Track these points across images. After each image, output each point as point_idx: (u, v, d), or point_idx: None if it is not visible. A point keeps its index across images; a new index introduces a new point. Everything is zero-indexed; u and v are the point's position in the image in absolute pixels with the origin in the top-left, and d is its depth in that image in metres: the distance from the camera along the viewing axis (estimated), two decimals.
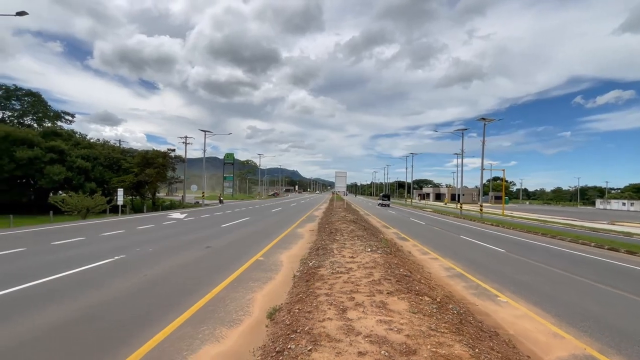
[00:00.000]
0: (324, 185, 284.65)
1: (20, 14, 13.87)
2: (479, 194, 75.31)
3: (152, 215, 24.96)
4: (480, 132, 31.46)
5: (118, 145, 40.55)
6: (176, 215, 24.44)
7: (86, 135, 37.82)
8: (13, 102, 35.40)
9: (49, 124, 36.19)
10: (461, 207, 35.12)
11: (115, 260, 8.45)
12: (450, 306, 5.42)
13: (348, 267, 6.92)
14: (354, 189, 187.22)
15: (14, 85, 36.09)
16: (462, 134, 36.00)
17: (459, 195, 47.20)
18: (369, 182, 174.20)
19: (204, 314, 4.99)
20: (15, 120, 35.18)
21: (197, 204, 39.73)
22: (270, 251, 10.28)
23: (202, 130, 43.96)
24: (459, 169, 56.12)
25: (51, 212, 22.52)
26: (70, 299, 5.48)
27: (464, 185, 38.63)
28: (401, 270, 7.17)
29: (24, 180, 30.76)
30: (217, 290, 6.19)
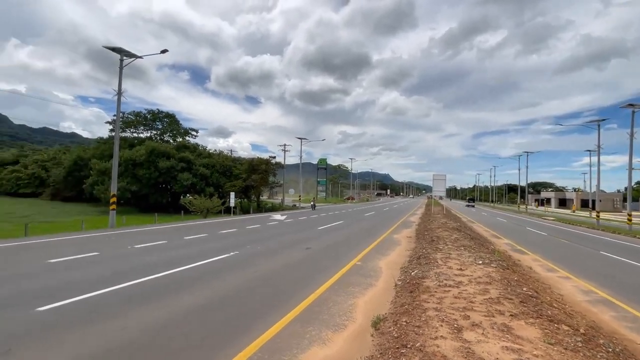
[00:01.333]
0: (418, 189, 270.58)
1: (163, 51, 17.35)
2: (623, 200, 59.54)
3: (258, 216, 27.72)
4: (622, 123, 25.01)
5: (230, 154, 46.61)
6: (278, 216, 26.57)
7: (206, 147, 44.68)
8: (157, 123, 44.43)
9: (180, 139, 44.08)
10: (598, 216, 28.55)
11: (231, 256, 9.56)
12: (601, 341, 4.33)
13: (457, 281, 6.26)
14: (453, 193, 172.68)
15: (157, 109, 45.35)
16: (599, 125, 29.33)
17: (593, 201, 38.60)
18: (470, 185, 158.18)
19: (310, 315, 5.15)
20: (158, 137, 44.01)
21: (294, 207, 42.54)
22: (367, 256, 10.14)
23: (298, 138, 47.04)
24: (594, 168, 45.83)
25: (182, 211, 27.20)
26: (198, 288, 6.37)
27: (600, 189, 31.29)
28: (524, 288, 6.12)
29: (164, 185, 38.04)
30: (320, 292, 6.35)
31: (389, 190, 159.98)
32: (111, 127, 42.97)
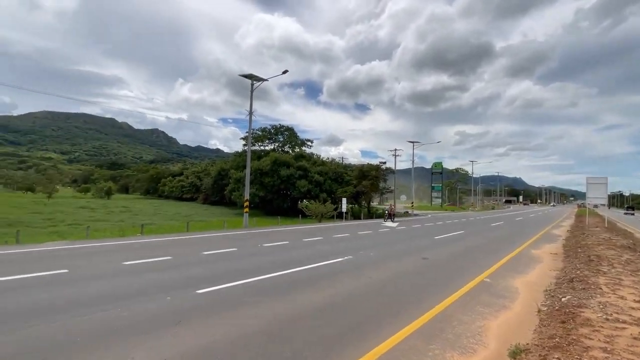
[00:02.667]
0: (564, 195, 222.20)
1: (284, 72, 19.52)
2: None
3: (369, 222, 27.76)
4: None
5: (341, 161, 48.49)
6: (389, 223, 26.00)
7: (320, 156, 47.75)
8: (279, 136, 50.11)
9: (298, 150, 48.44)
10: None
11: (346, 260, 9.78)
12: None
13: (636, 317, 4.73)
14: (618, 199, 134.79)
15: (279, 124, 51.27)
16: None
17: None
18: None
19: (431, 330, 4.74)
20: (280, 149, 49.50)
21: (406, 214, 40.92)
22: (497, 273, 8.79)
23: (410, 142, 45.22)
24: None
25: (300, 215, 29.62)
26: (319, 288, 6.69)
27: None
28: None
29: (284, 191, 42.36)
30: (441, 307, 5.80)
31: (521, 197, 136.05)
32: (244, 142, 50.66)
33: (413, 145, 45.20)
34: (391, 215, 28.45)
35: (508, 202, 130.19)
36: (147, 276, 7.38)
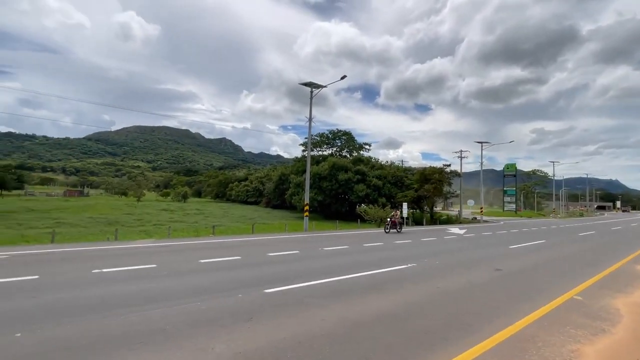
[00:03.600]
0: None
1: (343, 78, 19.73)
2: None
3: (432, 229, 26.37)
4: None
5: (401, 165, 47.03)
6: (455, 230, 24.37)
7: (378, 159, 46.96)
8: (336, 140, 50.61)
9: (356, 154, 48.31)
10: None
11: (409, 267, 9.42)
12: None
13: None
14: None
15: (336, 129, 51.81)
16: None
17: None
18: None
19: (510, 350, 4.29)
20: (338, 153, 49.92)
21: (474, 220, 37.94)
22: (591, 290, 7.63)
23: (477, 142, 42.00)
24: None
25: (358, 220, 29.41)
26: (383, 294, 6.55)
27: None
28: None
29: (342, 196, 42.49)
30: (521, 324, 5.23)
31: (618, 203, 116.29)
32: (303, 148, 52.25)
33: (482, 146, 41.88)
34: (395, 225, 21.07)
35: (601, 208, 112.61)
36: (220, 274, 8.00)
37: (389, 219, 21.24)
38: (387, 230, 20.50)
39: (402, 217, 21.45)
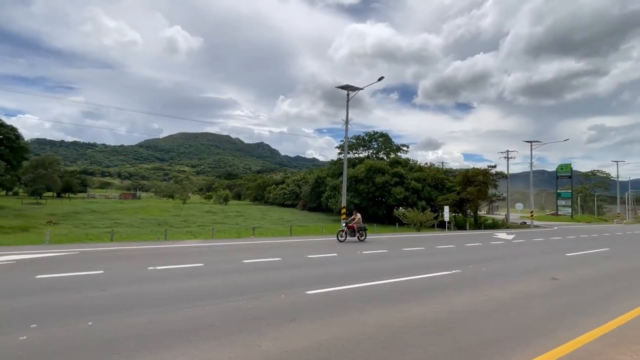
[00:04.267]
0: None
1: (380, 79, 19.52)
2: None
3: (477, 233, 25.04)
4: None
5: (441, 166, 45.28)
6: (502, 235, 22.92)
7: (416, 161, 45.64)
8: (373, 142, 50.04)
9: (393, 156, 47.37)
10: None
11: (453, 274, 9.02)
12: None
13: None
14: None
15: (372, 131, 51.28)
16: None
17: None
18: None
19: None
20: (374, 155, 49.30)
21: (523, 225, 35.40)
22: None
23: (527, 142, 39.23)
24: None
25: (397, 223, 28.74)
26: (425, 301, 6.34)
27: None
28: None
29: (379, 199, 41.82)
30: (584, 340, 4.78)
31: None
32: (339, 150, 52.30)
33: (531, 145, 39.00)
34: (354, 231, 16.32)
35: None
36: (263, 274, 8.26)
37: (344, 224, 16.74)
38: (341, 239, 15.80)
39: (364, 225, 16.78)
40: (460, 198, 33.92)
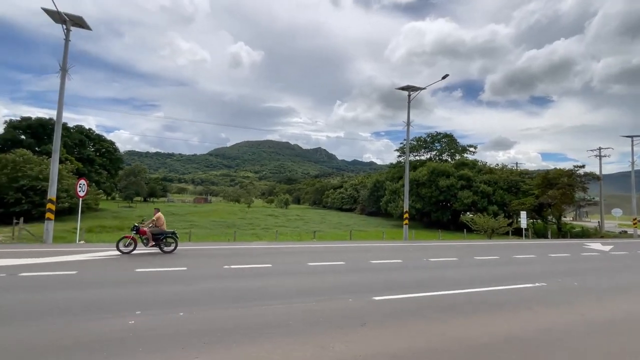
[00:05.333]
0: None
1: (444, 77, 18.52)
2: None
3: (562, 243, 22.11)
4: None
5: (515, 168, 41.12)
6: (596, 245, 19.85)
7: (485, 163, 42.08)
8: (435, 144, 47.58)
9: (458, 157, 44.41)
10: None
11: (537, 287, 8.08)
12: None
13: None
14: None
15: (435, 131, 48.72)
16: None
17: None
18: None
19: None
20: (437, 158, 46.80)
21: (623, 234, 30.24)
22: None
23: (626, 137, 33.58)
24: None
25: (464, 230, 26.77)
26: (508, 315, 5.77)
27: None
28: None
29: (444, 203, 39.48)
30: None
31: None
32: (398, 153, 50.84)
33: (632, 141, 33.20)
34: (158, 240, 11.07)
35: None
36: (328, 277, 8.35)
37: (134, 226, 11.00)
38: (125, 250, 10.61)
39: (169, 231, 11.49)
40: (540, 202, 30.33)
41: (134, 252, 10.79)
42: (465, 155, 45.18)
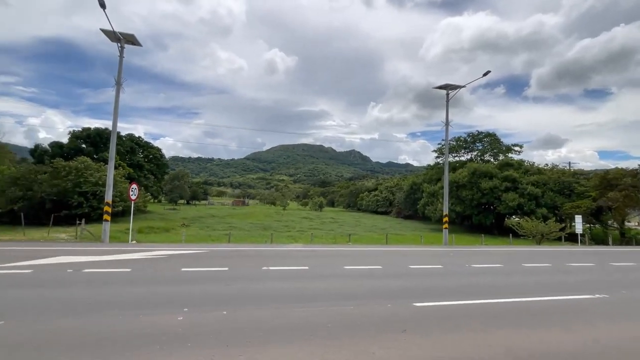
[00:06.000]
0: None
1: (486, 74, 17.62)
2: None
3: (626, 250, 20.00)
4: None
5: (568, 168, 37.95)
6: None
7: (533, 162, 39.26)
8: (476, 144, 45.29)
9: (502, 157, 41.89)
10: None
11: (596, 299, 7.36)
12: None
13: None
14: None
15: (476, 131, 46.45)
16: None
17: None
18: None
19: None
20: (478, 158, 44.50)
21: None
22: None
23: None
24: None
25: (510, 234, 25.12)
26: (564, 328, 5.32)
27: None
28: None
29: (487, 206, 37.39)
30: None
31: None
32: (436, 154, 49.09)
33: None
34: None
35: None
36: (365, 281, 8.25)
37: None
38: None
39: None
40: (598, 206, 27.65)
41: (180, 252, 11.44)
42: (509, 155, 42.46)
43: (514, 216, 33.59)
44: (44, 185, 28.20)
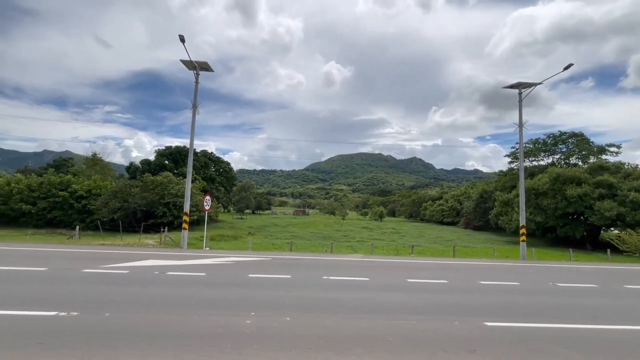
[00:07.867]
0: None
1: (567, 67, 15.66)
2: None
3: None
4: None
5: None
6: None
7: (636, 165, 33.23)
8: (559, 146, 40.05)
9: (593, 160, 36.32)
10: None
11: None
12: None
13: None
14: None
15: (558, 131, 41.12)
16: None
17: None
18: None
19: None
20: (562, 162, 39.26)
21: None
22: None
23: None
24: None
25: (608, 250, 21.48)
26: None
27: None
28: None
29: (575, 216, 32.61)
30: None
31: None
32: (509, 159, 44.63)
33: None
34: None
35: None
36: (429, 296, 7.84)
37: None
38: None
39: None
40: None
41: (246, 259, 12.23)
42: (603, 157, 36.60)
43: (612, 228, 28.71)
44: (136, 197, 32.68)
